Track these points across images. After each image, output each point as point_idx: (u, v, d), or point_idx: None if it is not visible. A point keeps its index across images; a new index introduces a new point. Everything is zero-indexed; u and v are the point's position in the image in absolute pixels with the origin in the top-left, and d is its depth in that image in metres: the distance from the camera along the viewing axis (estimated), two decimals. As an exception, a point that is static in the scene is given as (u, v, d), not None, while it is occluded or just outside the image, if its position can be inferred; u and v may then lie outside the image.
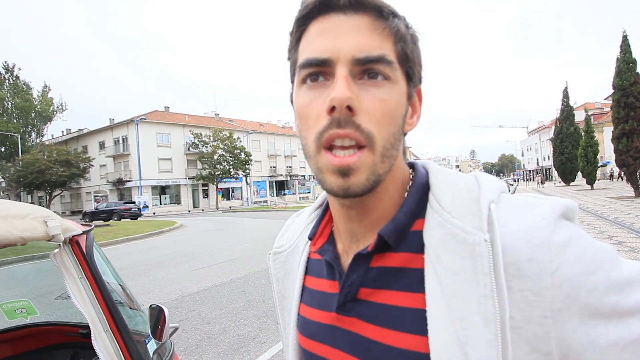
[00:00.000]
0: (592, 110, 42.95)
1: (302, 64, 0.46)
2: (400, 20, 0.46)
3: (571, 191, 26.43)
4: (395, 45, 0.46)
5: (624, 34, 17.45)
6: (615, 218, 10.80)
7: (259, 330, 4.45)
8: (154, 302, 1.53)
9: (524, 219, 0.42)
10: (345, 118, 0.42)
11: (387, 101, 0.44)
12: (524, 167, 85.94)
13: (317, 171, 0.46)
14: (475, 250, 0.41)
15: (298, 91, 0.48)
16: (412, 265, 0.47)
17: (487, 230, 0.41)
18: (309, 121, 0.46)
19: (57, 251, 1.17)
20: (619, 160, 17.32)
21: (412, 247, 0.47)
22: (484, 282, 0.40)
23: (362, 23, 0.44)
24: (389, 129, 0.45)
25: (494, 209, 0.43)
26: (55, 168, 33.94)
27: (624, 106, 16.96)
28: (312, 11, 0.45)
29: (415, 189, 0.51)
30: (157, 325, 1.41)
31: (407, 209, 0.49)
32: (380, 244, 0.48)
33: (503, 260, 0.40)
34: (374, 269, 0.49)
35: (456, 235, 0.43)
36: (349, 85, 0.43)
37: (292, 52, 0.49)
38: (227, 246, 11.68)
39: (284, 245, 0.66)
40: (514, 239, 0.41)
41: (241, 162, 41.42)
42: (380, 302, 0.48)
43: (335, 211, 0.54)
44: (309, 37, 0.46)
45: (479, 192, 0.45)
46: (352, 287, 0.50)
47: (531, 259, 0.39)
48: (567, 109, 33.59)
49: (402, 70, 0.47)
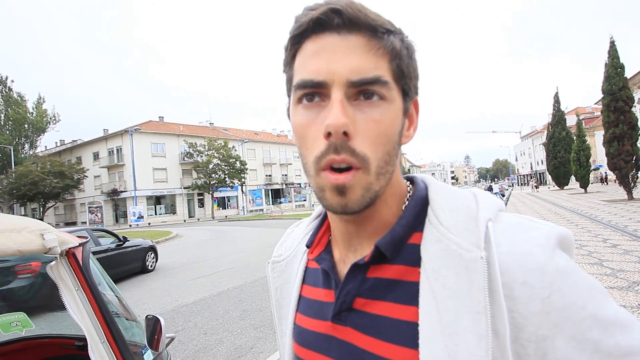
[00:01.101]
0: (583, 115, 43.49)
1: (297, 84, 0.46)
2: (395, 35, 0.46)
3: (565, 195, 26.64)
4: (391, 64, 0.46)
5: (611, 39, 17.76)
6: (609, 221, 10.89)
7: (256, 339, 4.43)
8: (150, 313, 1.54)
9: (521, 242, 0.43)
10: (341, 143, 0.43)
11: (382, 122, 0.45)
12: (518, 172, 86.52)
13: (318, 190, 0.47)
14: (470, 267, 0.42)
15: (295, 109, 0.48)
16: (408, 278, 0.48)
17: (484, 248, 0.42)
18: (307, 142, 0.47)
19: (53, 263, 1.18)
20: (611, 164, 17.50)
21: (409, 260, 0.48)
22: (477, 299, 0.41)
23: (356, 43, 0.44)
24: (384, 148, 0.46)
25: (491, 227, 0.44)
26: (48, 179, 33.68)
27: (614, 110, 17.19)
28: (306, 30, 0.46)
29: (414, 203, 0.51)
30: (153, 336, 1.42)
31: (405, 222, 0.50)
32: (376, 255, 0.49)
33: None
34: (371, 279, 0.50)
35: (453, 251, 0.44)
36: (344, 110, 0.43)
37: (287, 69, 0.50)
38: (224, 255, 11.61)
39: (282, 254, 0.66)
40: (510, 259, 0.41)
41: (236, 170, 41.36)
42: (375, 312, 0.49)
43: (334, 222, 0.55)
44: (303, 56, 0.46)
45: (477, 209, 0.46)
46: (348, 297, 0.51)
47: (524, 283, 0.40)
48: (558, 113, 33.98)
49: (398, 87, 0.47)
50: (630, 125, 16.94)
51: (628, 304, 4.22)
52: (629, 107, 17.10)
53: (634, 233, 8.49)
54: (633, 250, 6.86)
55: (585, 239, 8.46)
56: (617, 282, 5.03)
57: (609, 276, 5.35)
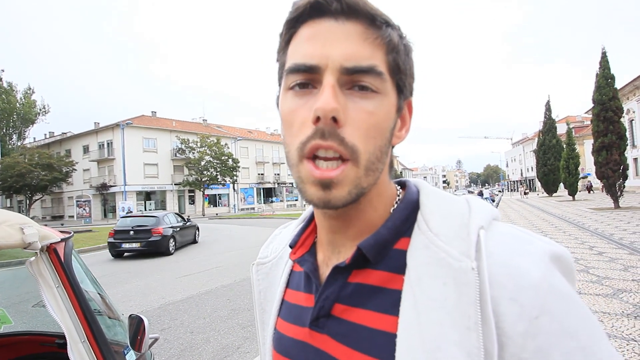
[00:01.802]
0: (573, 124, 44.18)
1: (289, 68, 0.44)
2: (394, 29, 0.45)
3: (553, 202, 27.01)
4: (387, 56, 0.44)
5: (603, 50, 18.08)
6: (595, 229, 11.06)
7: (244, 339, 4.39)
8: (136, 311, 1.50)
9: (515, 255, 0.40)
10: (329, 129, 0.41)
11: (375, 114, 0.43)
12: (509, 178, 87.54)
13: (299, 180, 0.45)
14: (460, 278, 0.39)
15: (284, 96, 0.46)
16: (391, 285, 0.45)
17: (475, 257, 0.40)
18: (292, 128, 0.44)
19: (33, 259, 1.14)
20: (599, 172, 17.80)
21: (393, 266, 0.46)
22: (468, 314, 0.38)
23: (353, 30, 0.43)
24: (375, 142, 0.43)
25: (483, 235, 0.41)
26: (36, 172, 33.09)
27: (604, 120, 17.49)
28: (302, 14, 0.44)
29: (403, 206, 0.49)
30: (136, 336, 1.38)
31: (391, 225, 0.47)
32: (358, 257, 0.46)
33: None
34: (352, 284, 0.47)
35: (441, 259, 0.41)
36: (335, 96, 0.41)
37: (280, 55, 0.48)
38: (213, 253, 11.52)
39: (268, 256, 0.64)
40: (500, 272, 0.39)
41: (229, 168, 41.12)
42: (353, 320, 0.46)
43: (319, 221, 0.53)
44: (298, 41, 0.45)
45: (469, 216, 0.43)
46: (327, 302, 0.48)
47: (513, 299, 0.37)
48: (549, 121, 34.47)
49: (393, 82, 0.45)
50: (619, 135, 17.27)
51: (612, 312, 4.28)
52: (618, 117, 17.43)
53: (620, 241, 8.63)
54: (618, 258, 6.97)
55: (573, 246, 8.57)
56: (602, 290, 5.10)
57: (594, 283, 5.42)
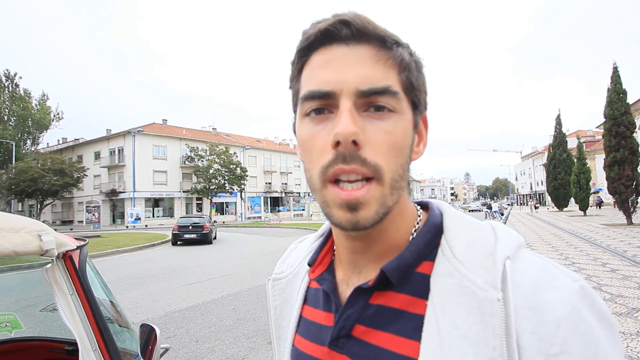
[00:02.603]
0: (584, 138, 43.71)
1: (304, 96, 0.45)
2: (404, 48, 0.46)
3: (564, 217, 26.59)
4: (400, 75, 0.45)
5: (614, 65, 17.96)
6: (608, 245, 10.84)
7: (249, 350, 4.35)
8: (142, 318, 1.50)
9: (540, 289, 0.39)
10: (350, 152, 0.41)
11: (394, 133, 0.43)
12: (518, 192, 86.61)
13: (324, 205, 0.45)
14: (486, 308, 0.39)
15: (301, 123, 0.46)
16: (414, 309, 0.45)
17: (501, 288, 0.39)
18: (312, 154, 0.45)
19: (49, 266, 1.15)
20: (611, 188, 17.52)
21: (416, 290, 0.46)
22: (493, 345, 0.38)
23: (365, 54, 0.43)
24: (397, 160, 0.44)
25: (510, 266, 0.41)
26: (48, 177, 33.62)
27: (615, 135, 17.30)
28: (313, 42, 0.45)
29: (426, 229, 0.49)
30: (147, 345, 1.38)
31: (414, 248, 0.47)
32: (382, 280, 0.46)
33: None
34: (373, 306, 0.47)
35: (466, 288, 0.41)
36: (353, 119, 0.41)
37: (293, 82, 0.48)
38: (219, 262, 11.52)
39: (284, 271, 0.64)
40: (525, 305, 0.38)
41: (236, 177, 41.35)
42: (374, 343, 0.46)
43: (339, 241, 0.53)
44: (311, 68, 0.45)
45: (495, 245, 0.43)
46: (348, 322, 0.48)
47: (534, 333, 0.37)
48: (559, 135, 34.18)
49: (408, 99, 0.46)
50: (632, 151, 17.03)
51: (627, 331, 4.16)
52: (631, 132, 17.20)
53: (633, 258, 8.44)
54: (632, 275, 6.81)
55: (585, 262, 8.40)
56: (616, 308, 4.97)
57: (608, 301, 5.28)
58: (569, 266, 7.82)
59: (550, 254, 9.69)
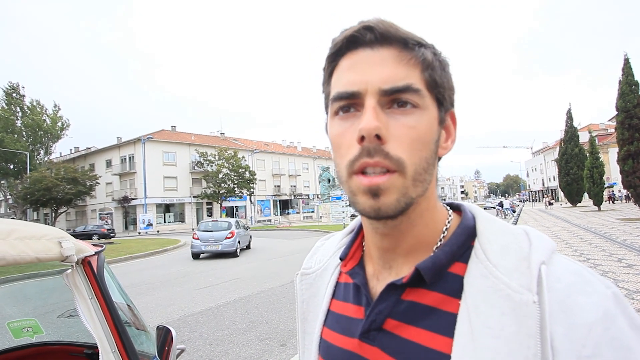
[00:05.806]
0: (596, 132, 43.05)
1: (334, 97, 0.48)
2: (427, 49, 0.48)
3: (578, 212, 26.14)
4: (423, 73, 0.47)
5: (626, 56, 17.67)
6: (624, 240, 10.63)
7: (262, 352, 4.38)
8: (157, 322, 1.54)
9: (574, 293, 0.41)
10: (374, 147, 0.44)
11: (416, 127, 0.46)
12: (530, 188, 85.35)
13: (351, 194, 0.47)
14: (521, 310, 0.41)
15: (331, 122, 0.50)
16: (446, 307, 0.46)
17: (537, 292, 0.41)
18: (341, 149, 0.48)
19: (69, 271, 1.20)
20: (626, 182, 17.20)
21: (449, 289, 0.47)
22: (527, 345, 0.39)
23: (388, 55, 0.46)
24: (420, 154, 0.46)
25: (545, 271, 0.42)
26: (62, 185, 34.22)
27: (629, 127, 16.99)
28: (341, 48, 0.48)
29: (460, 231, 0.50)
30: (164, 347, 1.42)
31: (448, 249, 0.49)
32: (416, 278, 0.48)
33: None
34: (405, 302, 0.49)
35: (500, 290, 0.43)
36: (376, 115, 0.44)
37: (325, 86, 0.52)
38: (231, 265, 11.60)
39: (312, 267, 0.66)
40: (559, 308, 0.40)
41: (246, 180, 41.58)
42: (406, 337, 0.48)
43: (369, 236, 0.55)
44: (339, 72, 0.49)
45: (530, 250, 0.45)
46: (380, 316, 0.50)
47: (566, 335, 0.39)
48: (571, 130, 33.66)
49: (432, 96, 0.48)
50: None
51: (645, 328, 4.09)
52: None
53: (651, 253, 8.27)
54: (649, 271, 6.67)
55: (600, 258, 8.26)
56: (633, 304, 4.88)
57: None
58: (584, 262, 7.69)
59: (565, 251, 9.54)
